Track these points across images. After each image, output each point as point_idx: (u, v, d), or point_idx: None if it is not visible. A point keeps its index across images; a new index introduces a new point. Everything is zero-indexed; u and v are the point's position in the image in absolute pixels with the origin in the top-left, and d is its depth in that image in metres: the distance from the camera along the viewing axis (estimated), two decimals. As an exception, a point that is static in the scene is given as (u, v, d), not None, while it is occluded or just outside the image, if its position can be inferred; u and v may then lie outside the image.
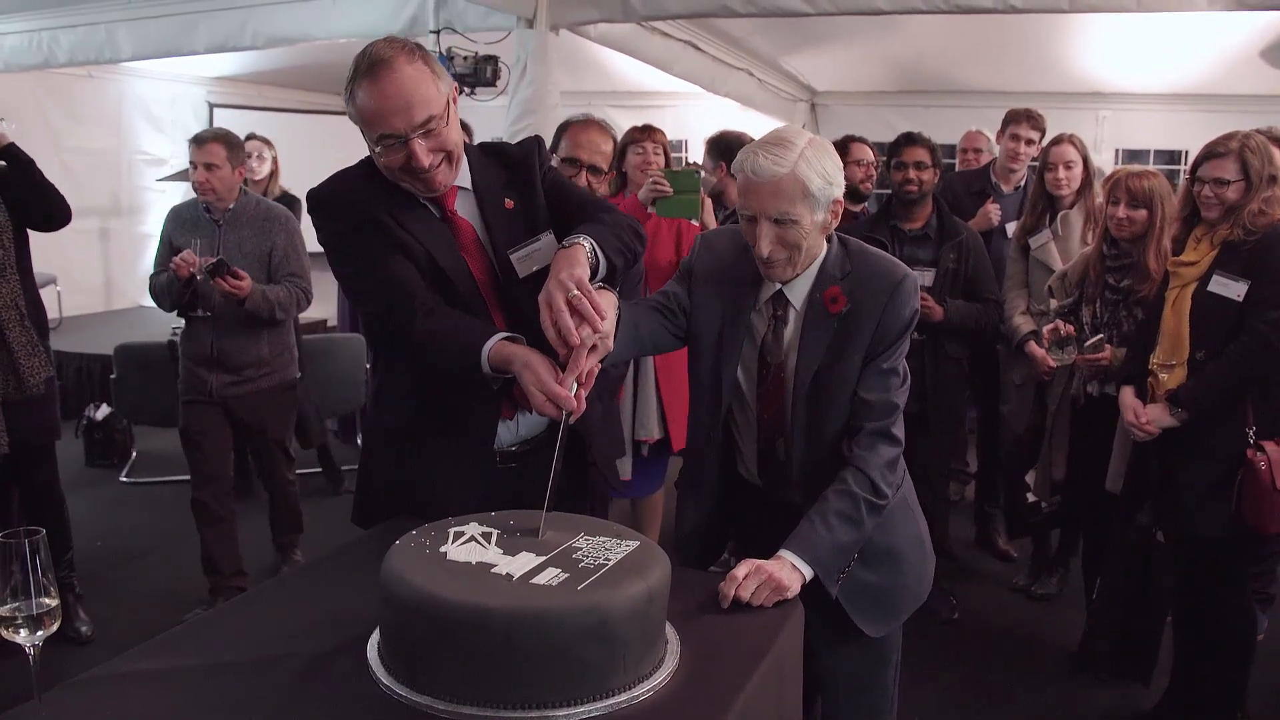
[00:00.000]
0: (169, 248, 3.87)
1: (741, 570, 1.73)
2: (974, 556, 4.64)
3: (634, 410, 3.72)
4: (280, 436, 4.16)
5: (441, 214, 2.03)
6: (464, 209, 2.07)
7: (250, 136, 5.18)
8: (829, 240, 2.00)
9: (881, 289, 1.95)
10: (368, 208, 1.98)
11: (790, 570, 1.77)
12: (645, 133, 3.93)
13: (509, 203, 2.08)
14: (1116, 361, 3.32)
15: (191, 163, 3.83)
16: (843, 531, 1.88)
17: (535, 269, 2.04)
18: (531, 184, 2.12)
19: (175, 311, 3.94)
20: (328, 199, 2.03)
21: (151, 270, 4.01)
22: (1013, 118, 4.63)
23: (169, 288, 3.80)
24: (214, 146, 3.82)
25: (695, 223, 3.64)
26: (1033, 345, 3.85)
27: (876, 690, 2.18)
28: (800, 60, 7.88)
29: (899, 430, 1.99)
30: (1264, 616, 3.68)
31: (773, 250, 1.90)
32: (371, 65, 1.87)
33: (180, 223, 3.90)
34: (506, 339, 1.85)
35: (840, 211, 1.94)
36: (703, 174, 3.77)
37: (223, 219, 3.87)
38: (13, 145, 3.46)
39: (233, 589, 3.95)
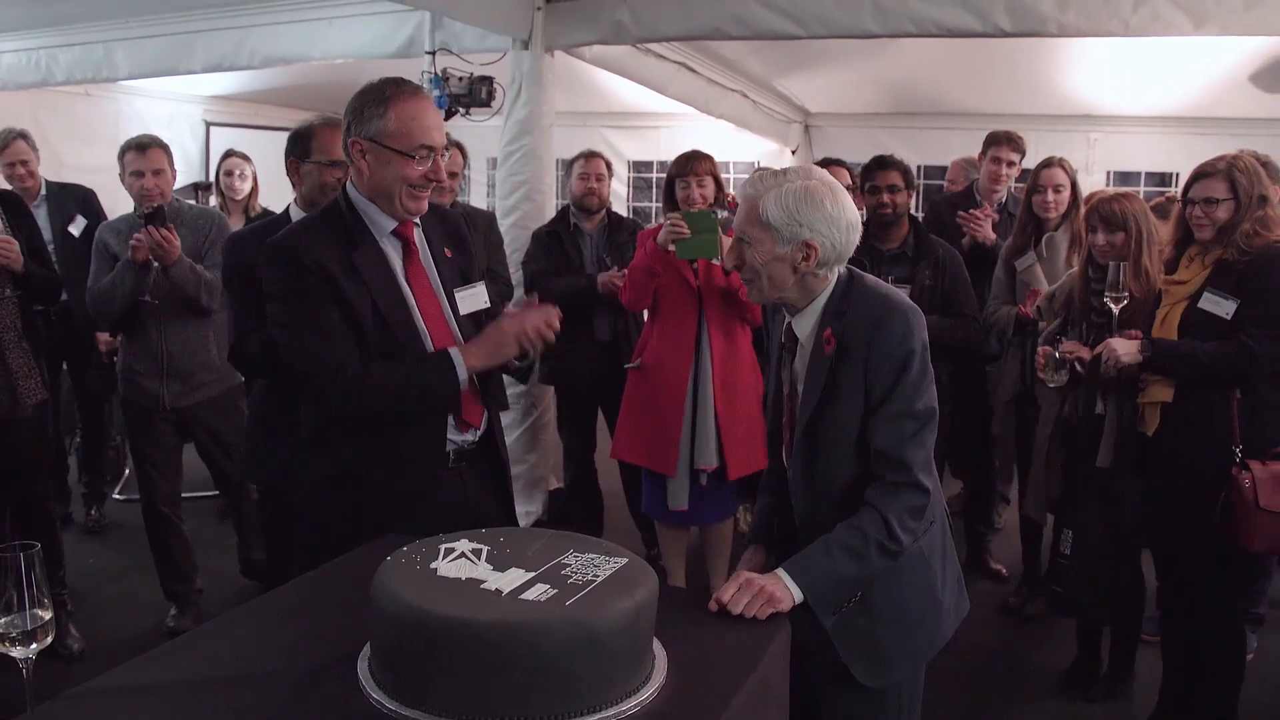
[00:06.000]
0: (107, 257, 3.82)
1: (734, 584, 1.77)
2: (964, 575, 4.63)
3: (693, 438, 3.70)
4: (237, 442, 4.12)
5: (404, 245, 2.27)
6: (418, 242, 2.33)
7: (229, 154, 5.19)
8: (839, 280, 2.02)
9: (864, 326, 1.95)
10: (324, 256, 2.14)
11: (783, 591, 1.79)
12: (688, 166, 3.87)
13: (448, 252, 2.37)
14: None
15: (135, 171, 3.77)
16: (844, 564, 1.88)
17: (472, 310, 2.36)
18: (466, 246, 2.46)
19: (110, 330, 3.93)
20: (289, 249, 2.18)
21: (88, 289, 3.89)
22: (993, 140, 4.69)
23: (121, 279, 3.71)
24: (158, 153, 3.82)
25: (716, 262, 3.67)
26: (1022, 309, 3.89)
27: None
28: (794, 82, 7.92)
29: (927, 479, 1.96)
30: (1253, 636, 3.70)
31: (734, 262, 2.03)
32: (413, 89, 2.19)
33: (116, 234, 3.83)
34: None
35: (813, 255, 1.95)
36: (721, 213, 3.78)
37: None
38: (27, 266, 3.49)
39: (196, 594, 4.07)
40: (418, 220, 2.30)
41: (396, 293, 2.23)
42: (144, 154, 3.79)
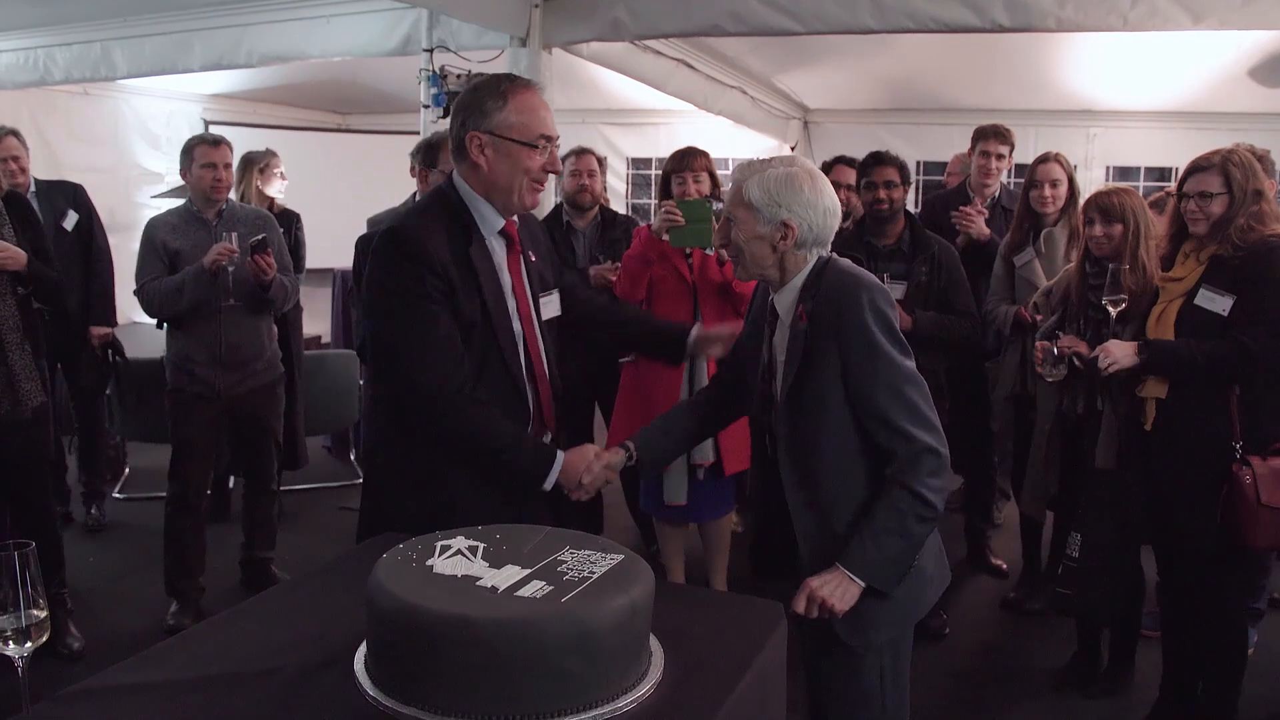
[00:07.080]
0: (163, 254, 3.86)
1: (804, 594, 2.02)
2: (964, 571, 4.65)
3: None
4: (277, 432, 4.24)
5: (509, 242, 2.31)
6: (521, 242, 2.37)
7: (267, 154, 5.22)
8: (818, 262, 2.13)
9: (833, 303, 2.06)
10: (445, 256, 2.17)
11: (848, 585, 2.02)
12: (684, 161, 3.88)
13: (532, 256, 2.39)
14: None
15: (208, 163, 3.85)
16: (890, 545, 2.04)
17: (549, 316, 2.41)
18: (551, 251, 2.55)
19: (159, 321, 3.99)
20: (414, 246, 2.16)
21: (138, 282, 3.94)
22: (980, 135, 4.68)
23: (191, 284, 3.78)
24: (226, 148, 3.93)
25: (709, 252, 3.66)
26: (1023, 311, 3.90)
27: (859, 701, 2.21)
28: (793, 78, 7.93)
29: (933, 437, 2.06)
30: (1254, 631, 3.69)
31: (721, 240, 2.19)
32: (525, 83, 2.26)
33: (169, 230, 3.90)
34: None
35: (791, 235, 2.08)
36: (715, 204, 3.78)
37: (217, 220, 3.91)
38: (32, 263, 3.49)
39: (199, 592, 4.06)
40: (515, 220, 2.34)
41: (501, 295, 2.27)
42: (217, 148, 3.90)
